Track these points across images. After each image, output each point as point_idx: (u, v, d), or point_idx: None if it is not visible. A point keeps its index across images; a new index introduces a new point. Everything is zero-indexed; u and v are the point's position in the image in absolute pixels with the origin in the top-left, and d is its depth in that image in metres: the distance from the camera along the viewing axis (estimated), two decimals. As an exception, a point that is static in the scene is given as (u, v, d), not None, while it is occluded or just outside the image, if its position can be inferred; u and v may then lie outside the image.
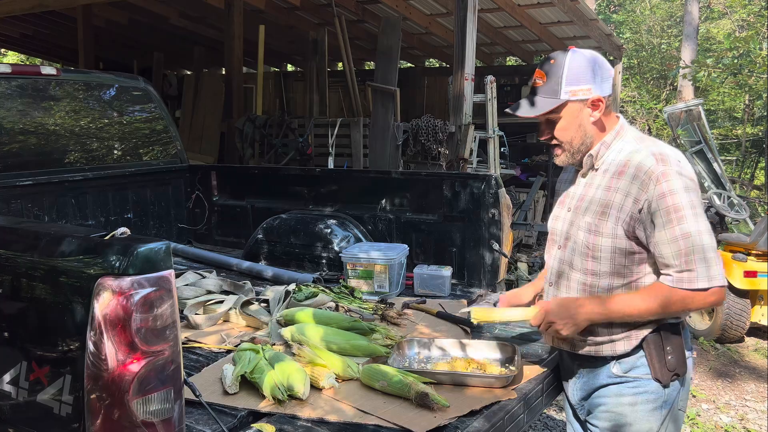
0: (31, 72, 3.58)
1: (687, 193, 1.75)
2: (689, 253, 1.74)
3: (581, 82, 1.86)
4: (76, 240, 1.51)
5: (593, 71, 1.87)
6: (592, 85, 1.86)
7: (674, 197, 1.74)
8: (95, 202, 3.79)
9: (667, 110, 7.84)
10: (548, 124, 1.93)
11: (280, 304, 2.76)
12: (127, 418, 1.40)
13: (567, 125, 1.90)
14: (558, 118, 1.90)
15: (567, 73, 1.86)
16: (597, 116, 1.89)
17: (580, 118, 1.89)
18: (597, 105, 1.88)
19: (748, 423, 4.23)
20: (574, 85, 1.86)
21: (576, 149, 1.93)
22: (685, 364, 1.88)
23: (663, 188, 1.75)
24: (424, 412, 1.89)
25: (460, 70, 5.37)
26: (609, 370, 1.92)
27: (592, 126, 1.90)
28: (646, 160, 1.79)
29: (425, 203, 3.49)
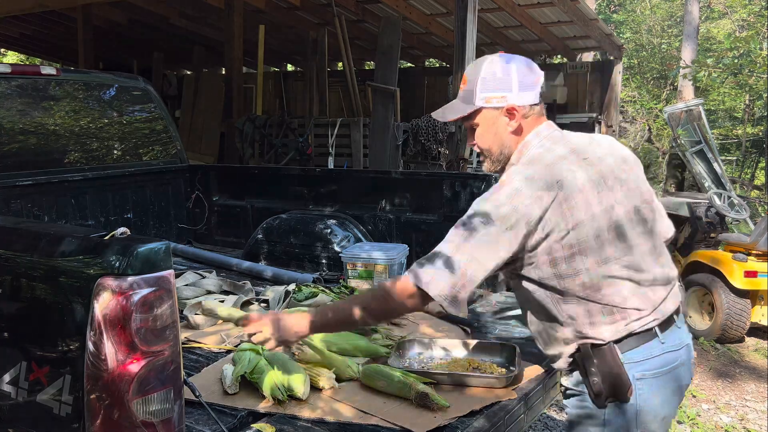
0: (31, 72, 3.58)
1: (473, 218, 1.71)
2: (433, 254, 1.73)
3: (497, 89, 1.80)
4: (75, 240, 1.51)
5: (512, 79, 1.79)
6: (508, 93, 1.79)
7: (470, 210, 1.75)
8: (95, 202, 3.79)
9: (667, 110, 7.83)
10: (471, 130, 1.89)
11: (280, 304, 2.76)
12: (126, 418, 1.40)
13: (483, 132, 1.85)
14: (476, 124, 1.85)
15: (483, 79, 1.81)
16: (514, 126, 1.81)
17: (496, 126, 1.83)
18: (512, 114, 1.80)
19: (748, 423, 4.23)
20: (489, 92, 1.80)
21: (495, 158, 1.87)
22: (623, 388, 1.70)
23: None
24: (424, 413, 1.89)
25: (460, 70, 5.37)
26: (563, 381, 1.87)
27: (509, 135, 1.83)
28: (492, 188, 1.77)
29: (425, 203, 3.49)
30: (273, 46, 10.93)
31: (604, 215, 1.70)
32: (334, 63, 11.08)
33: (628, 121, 13.84)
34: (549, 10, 8.36)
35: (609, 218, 1.71)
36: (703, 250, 5.98)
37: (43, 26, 11.45)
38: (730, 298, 5.41)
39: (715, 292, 5.49)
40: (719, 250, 5.92)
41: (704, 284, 5.65)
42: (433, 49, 11.28)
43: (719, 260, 5.60)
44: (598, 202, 1.70)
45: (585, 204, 1.68)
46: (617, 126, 10.55)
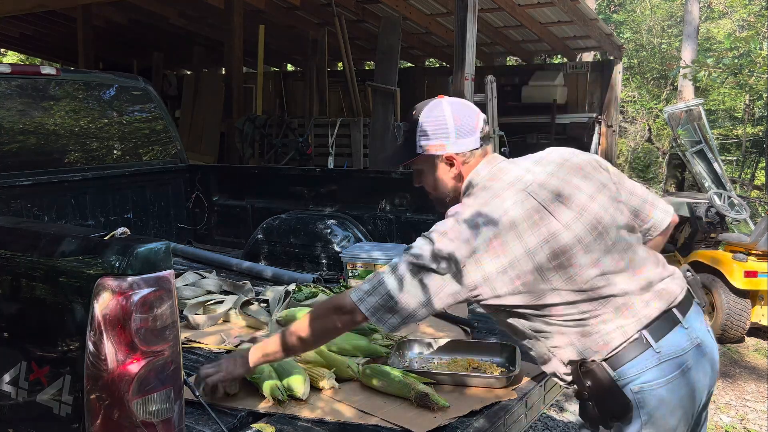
0: (31, 72, 3.58)
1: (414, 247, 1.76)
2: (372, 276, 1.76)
3: (435, 137, 1.81)
4: (75, 240, 1.51)
5: (449, 127, 1.79)
6: (445, 141, 1.80)
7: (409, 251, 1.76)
8: (95, 202, 3.79)
9: (667, 110, 7.83)
10: (417, 172, 1.91)
11: (280, 304, 2.76)
12: (126, 418, 1.40)
13: (426, 177, 1.88)
14: (420, 169, 1.88)
15: (422, 127, 1.82)
16: (456, 172, 1.82)
17: (438, 172, 1.85)
18: (451, 162, 1.82)
19: (748, 423, 4.23)
20: (427, 140, 1.81)
21: (442, 200, 1.89)
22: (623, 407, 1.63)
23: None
24: (424, 413, 1.89)
25: (460, 70, 5.37)
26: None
27: (451, 180, 1.85)
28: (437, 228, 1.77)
29: (425, 203, 3.48)
30: (273, 46, 10.93)
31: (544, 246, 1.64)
32: (334, 63, 11.07)
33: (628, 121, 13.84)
34: (549, 10, 8.35)
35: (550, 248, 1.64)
36: (703, 250, 5.98)
37: (43, 26, 11.45)
38: (730, 298, 5.41)
39: (715, 292, 5.49)
40: (719, 250, 5.92)
41: (704, 284, 5.65)
42: (433, 49, 11.28)
43: (719, 260, 5.61)
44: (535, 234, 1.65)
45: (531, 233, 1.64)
46: (617, 126, 10.55)
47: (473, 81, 5.51)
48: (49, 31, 11.78)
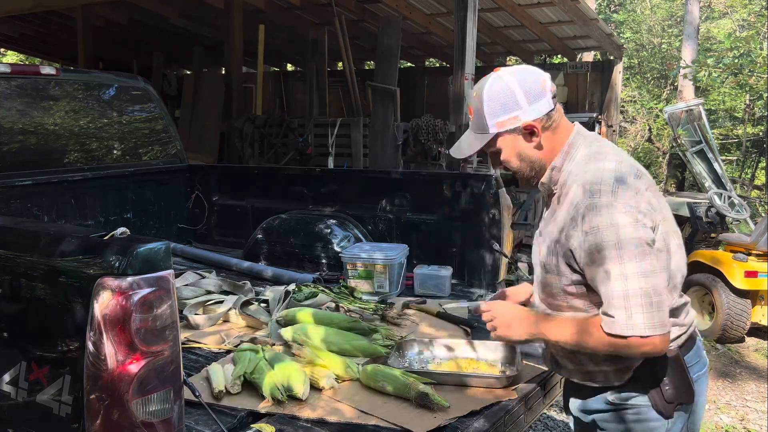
0: (31, 72, 3.58)
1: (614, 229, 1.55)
2: (609, 297, 1.57)
3: (506, 111, 1.70)
4: (75, 240, 1.51)
5: (517, 95, 1.70)
6: (518, 112, 1.70)
7: (598, 235, 1.56)
8: (95, 202, 3.79)
9: (667, 110, 7.83)
10: (494, 155, 1.79)
11: (280, 304, 2.75)
12: (126, 418, 1.39)
13: (508, 156, 1.76)
14: (498, 150, 1.76)
15: (487, 105, 1.71)
16: (537, 140, 1.73)
17: (517, 147, 1.74)
18: (531, 131, 1.72)
19: (748, 423, 4.23)
20: (498, 117, 1.71)
21: (529, 175, 1.79)
22: (690, 392, 1.69)
23: (587, 225, 1.58)
24: (424, 413, 1.89)
25: (460, 70, 5.36)
26: (605, 397, 1.76)
27: (535, 152, 1.75)
28: (577, 192, 1.64)
29: (425, 203, 3.48)
30: (273, 46, 10.92)
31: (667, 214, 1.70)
32: (334, 63, 11.07)
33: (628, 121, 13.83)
34: (549, 10, 8.35)
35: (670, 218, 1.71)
36: (703, 250, 5.98)
37: (43, 26, 11.44)
38: (730, 298, 5.41)
39: (715, 292, 5.49)
40: (719, 250, 5.92)
41: (704, 284, 5.65)
42: (433, 49, 11.27)
43: (719, 260, 5.60)
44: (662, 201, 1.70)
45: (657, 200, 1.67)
46: (617, 126, 10.54)
47: (473, 81, 5.51)
48: (49, 31, 11.77)
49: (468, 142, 1.80)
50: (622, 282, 1.54)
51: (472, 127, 1.79)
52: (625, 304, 1.55)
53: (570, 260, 1.65)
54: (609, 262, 1.55)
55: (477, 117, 1.75)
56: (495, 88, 1.71)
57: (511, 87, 1.70)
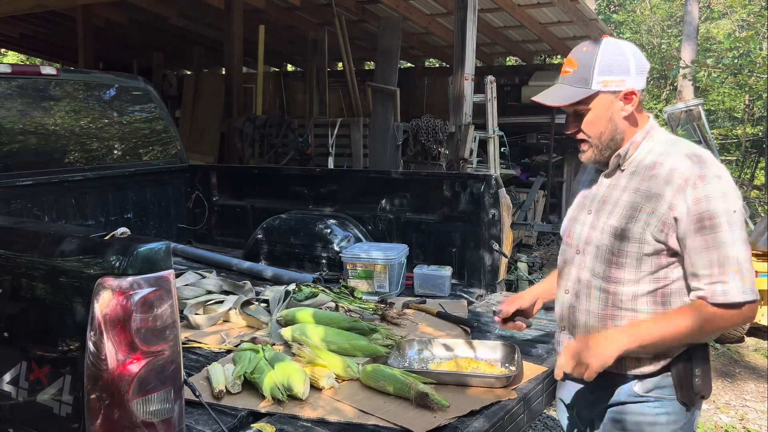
0: (31, 72, 3.58)
1: (724, 199, 1.62)
2: (723, 264, 1.61)
3: (615, 72, 1.71)
4: (76, 240, 1.51)
5: (629, 62, 1.72)
6: (626, 76, 1.72)
7: (710, 203, 1.61)
8: (95, 202, 3.79)
9: (667, 110, 7.84)
10: (576, 116, 1.77)
11: (280, 304, 2.76)
12: (127, 418, 1.40)
13: (596, 118, 1.75)
14: (587, 110, 1.74)
15: (600, 61, 1.71)
16: (629, 110, 1.74)
17: (611, 111, 1.74)
18: (630, 98, 1.73)
19: (748, 423, 4.23)
20: (607, 75, 1.71)
21: (605, 145, 1.77)
22: (710, 386, 1.78)
23: (699, 193, 1.61)
24: (424, 413, 1.89)
25: (460, 70, 5.37)
26: (630, 388, 1.77)
27: (623, 121, 1.75)
28: (682, 163, 1.66)
29: (425, 203, 3.49)
30: (273, 46, 10.92)
31: None
32: (334, 63, 11.07)
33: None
34: (549, 10, 8.35)
35: None
36: (703, 250, 5.98)
37: (43, 26, 11.44)
38: (730, 298, 5.40)
39: (715, 292, 5.49)
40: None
41: (704, 284, 5.64)
42: (433, 49, 11.27)
43: (719, 260, 5.60)
44: None
45: None
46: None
47: (473, 81, 5.51)
48: (49, 31, 11.77)
49: (562, 92, 1.77)
50: (733, 248, 1.61)
51: (567, 80, 1.77)
52: (739, 269, 1.61)
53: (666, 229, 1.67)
54: (719, 229, 1.61)
55: (582, 70, 1.74)
56: (611, 48, 1.73)
57: (626, 52, 1.74)
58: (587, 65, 1.73)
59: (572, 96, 1.74)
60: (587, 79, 1.72)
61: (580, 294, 1.82)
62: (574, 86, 1.74)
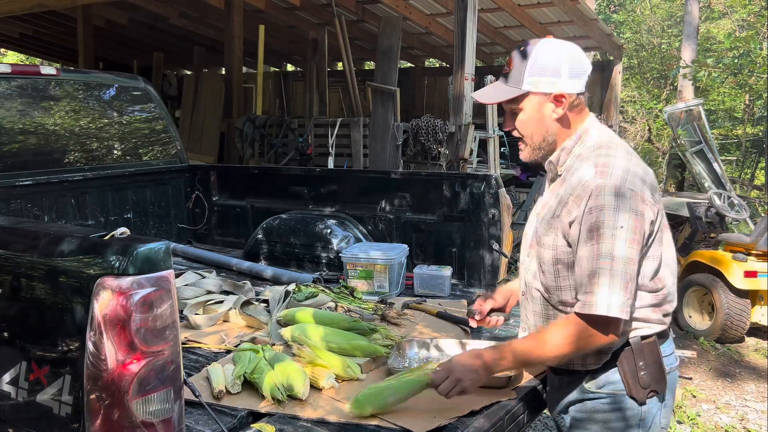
0: (31, 72, 3.58)
1: (615, 212, 1.60)
2: (594, 275, 1.61)
3: (546, 73, 1.72)
4: (75, 240, 1.51)
5: (562, 64, 1.72)
6: (557, 78, 1.72)
7: (600, 213, 1.61)
8: (95, 202, 3.79)
9: (667, 110, 7.84)
10: (512, 114, 1.80)
11: (280, 304, 2.75)
12: (126, 418, 1.40)
13: (527, 118, 1.77)
14: (519, 109, 1.78)
15: (533, 62, 1.72)
16: (560, 113, 1.75)
17: (541, 112, 1.76)
18: (560, 101, 1.74)
19: (748, 423, 4.23)
20: (538, 76, 1.72)
21: (537, 145, 1.80)
22: (663, 380, 1.74)
23: (592, 203, 1.62)
24: (424, 413, 1.89)
25: (460, 70, 5.37)
26: (582, 385, 1.80)
27: (554, 123, 1.76)
28: (587, 172, 1.68)
29: (425, 203, 3.48)
30: (273, 46, 10.93)
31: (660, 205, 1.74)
32: (334, 63, 11.08)
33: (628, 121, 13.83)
34: (549, 10, 8.36)
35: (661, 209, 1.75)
36: (703, 250, 5.99)
37: (43, 26, 11.45)
38: (730, 298, 5.41)
39: (715, 292, 5.49)
40: (719, 250, 5.93)
41: (704, 284, 5.65)
42: (433, 49, 11.28)
43: (719, 260, 5.61)
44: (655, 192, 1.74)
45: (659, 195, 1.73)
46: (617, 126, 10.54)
47: (473, 81, 5.51)
48: (49, 31, 11.78)
49: (496, 90, 1.81)
50: (609, 261, 1.60)
51: (506, 79, 1.79)
52: (611, 282, 1.59)
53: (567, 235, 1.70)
54: (602, 240, 1.60)
55: (516, 70, 1.76)
56: (545, 50, 1.74)
57: (560, 55, 1.74)
58: (521, 65, 1.75)
59: (503, 94, 1.78)
60: (519, 78, 1.75)
61: (527, 295, 1.90)
62: (507, 85, 1.78)
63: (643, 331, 1.74)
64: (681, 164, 7.62)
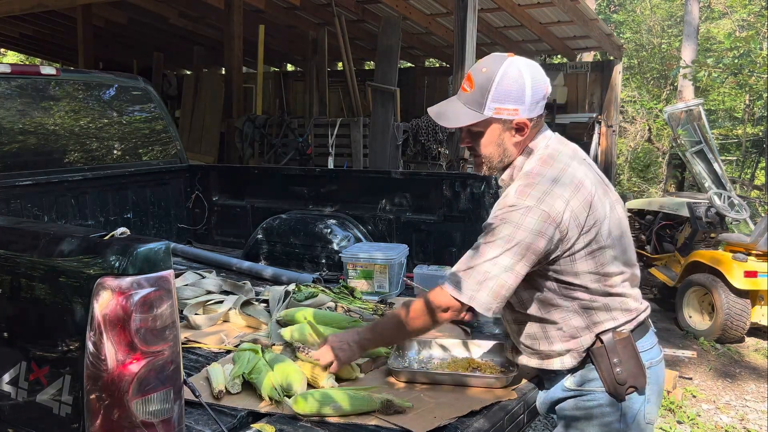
0: (31, 72, 3.58)
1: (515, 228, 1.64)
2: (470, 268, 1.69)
3: (509, 101, 1.70)
4: (75, 240, 1.50)
5: (525, 91, 1.70)
6: (520, 106, 1.70)
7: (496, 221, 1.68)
8: (95, 202, 3.79)
9: (667, 110, 7.83)
10: (469, 133, 1.80)
11: (280, 304, 2.75)
12: (126, 418, 1.39)
13: (487, 142, 1.77)
14: (480, 131, 1.77)
15: (496, 88, 1.69)
16: (519, 139, 1.75)
17: (501, 137, 1.75)
18: (522, 129, 1.74)
19: (748, 423, 4.23)
20: (501, 103, 1.70)
21: (494, 165, 1.81)
22: (642, 375, 1.74)
23: (500, 211, 1.69)
24: (424, 412, 1.89)
25: (460, 70, 5.36)
26: (563, 383, 1.84)
27: (512, 147, 1.77)
28: (511, 190, 1.72)
29: (425, 203, 3.48)
30: (273, 46, 10.93)
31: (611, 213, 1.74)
32: (334, 63, 11.07)
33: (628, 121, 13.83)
34: (549, 10, 8.35)
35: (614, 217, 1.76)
36: (703, 250, 5.98)
37: (43, 26, 11.44)
38: (730, 298, 5.41)
39: (715, 292, 5.49)
40: (719, 250, 5.92)
41: (704, 284, 5.65)
42: (433, 49, 11.27)
43: (719, 260, 5.61)
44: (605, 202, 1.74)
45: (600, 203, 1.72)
46: (617, 126, 10.54)
47: (473, 81, 5.50)
48: (49, 31, 11.77)
49: (456, 113, 1.78)
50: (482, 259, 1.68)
51: (463, 98, 1.77)
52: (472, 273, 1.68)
53: None
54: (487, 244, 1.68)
55: (478, 92, 1.73)
56: (510, 75, 1.71)
57: (524, 80, 1.71)
58: (483, 89, 1.72)
59: (464, 119, 1.76)
60: (481, 103, 1.72)
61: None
62: (468, 107, 1.75)
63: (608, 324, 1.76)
64: (681, 164, 7.62)
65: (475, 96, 1.73)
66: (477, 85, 1.73)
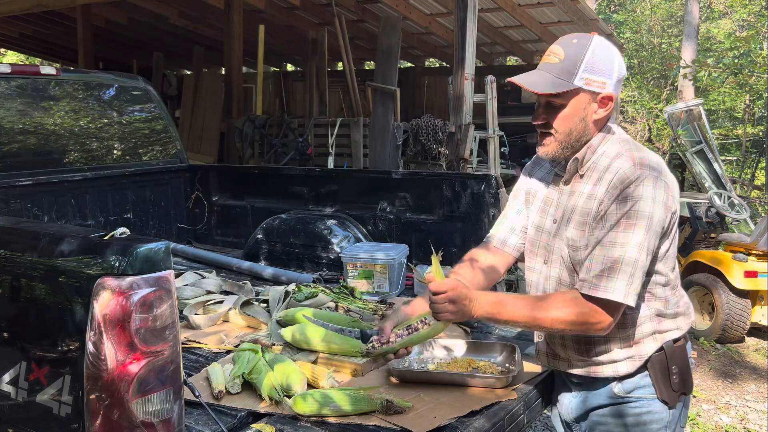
0: (31, 72, 3.58)
1: (653, 203, 1.60)
2: (616, 262, 1.60)
3: (599, 72, 1.66)
4: (75, 240, 1.50)
5: (614, 66, 1.69)
6: (609, 79, 1.68)
7: (637, 204, 1.60)
8: (95, 202, 3.79)
9: (667, 110, 7.83)
10: (547, 108, 1.73)
11: (280, 304, 2.75)
12: (126, 418, 1.39)
13: (570, 115, 1.70)
14: (562, 104, 1.70)
15: (588, 58, 1.65)
16: (602, 114, 1.70)
17: (585, 111, 1.69)
18: (606, 103, 1.70)
19: (748, 423, 4.23)
20: (591, 74, 1.66)
21: (569, 143, 1.73)
22: (691, 382, 1.77)
23: (630, 192, 1.61)
24: (424, 413, 1.89)
25: (460, 70, 5.36)
26: (610, 390, 1.79)
27: (591, 123, 1.71)
28: (625, 164, 1.65)
29: (425, 203, 3.48)
30: (273, 46, 10.94)
31: None
32: (334, 63, 11.08)
33: (628, 121, 13.83)
34: (549, 10, 8.36)
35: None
36: (703, 250, 5.98)
37: (43, 26, 11.45)
38: (730, 298, 5.41)
39: (715, 292, 5.49)
40: (719, 250, 5.92)
41: (704, 284, 5.65)
42: (433, 49, 11.28)
43: (719, 260, 5.60)
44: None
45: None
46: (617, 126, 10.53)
47: (473, 81, 5.51)
48: (49, 31, 11.78)
49: (544, 80, 1.70)
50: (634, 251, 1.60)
51: (550, 68, 1.70)
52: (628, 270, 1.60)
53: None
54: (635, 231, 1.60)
55: (569, 62, 1.67)
56: (603, 49, 1.69)
57: (614, 56, 1.71)
58: (574, 58, 1.67)
59: (554, 86, 1.67)
60: (572, 72, 1.67)
61: None
62: (557, 77, 1.68)
63: (674, 334, 1.75)
64: (681, 164, 7.60)
65: (566, 65, 1.68)
66: (567, 54, 1.68)
